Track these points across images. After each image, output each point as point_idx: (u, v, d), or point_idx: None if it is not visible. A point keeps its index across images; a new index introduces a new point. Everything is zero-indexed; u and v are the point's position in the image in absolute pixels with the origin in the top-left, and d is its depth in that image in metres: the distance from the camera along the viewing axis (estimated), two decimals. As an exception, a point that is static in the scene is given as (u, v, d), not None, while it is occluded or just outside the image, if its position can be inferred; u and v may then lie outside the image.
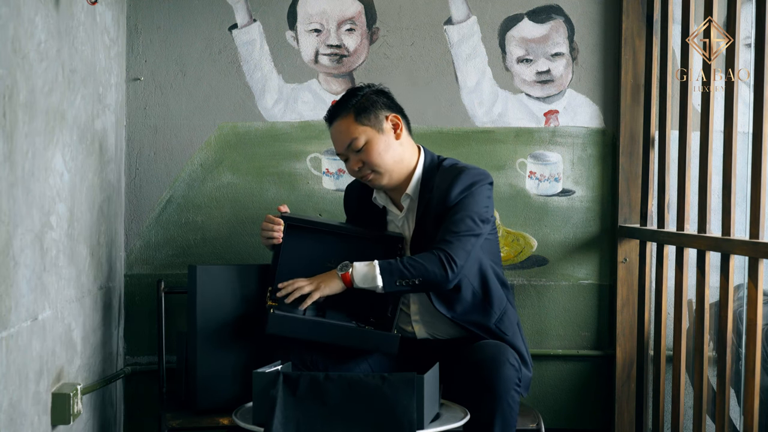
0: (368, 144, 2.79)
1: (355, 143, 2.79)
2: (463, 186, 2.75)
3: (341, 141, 2.82)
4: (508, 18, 3.44)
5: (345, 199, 3.10)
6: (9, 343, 2.20)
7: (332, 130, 2.86)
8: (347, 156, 2.83)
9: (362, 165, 2.81)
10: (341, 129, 2.82)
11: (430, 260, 2.67)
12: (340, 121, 2.82)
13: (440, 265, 2.66)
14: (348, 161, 2.84)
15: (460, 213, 2.73)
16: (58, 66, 2.54)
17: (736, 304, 3.14)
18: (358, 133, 2.79)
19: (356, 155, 2.81)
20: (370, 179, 2.83)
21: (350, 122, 2.80)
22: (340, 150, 2.85)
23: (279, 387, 2.38)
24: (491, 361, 2.54)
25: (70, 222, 2.69)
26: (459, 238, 2.69)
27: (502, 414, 2.50)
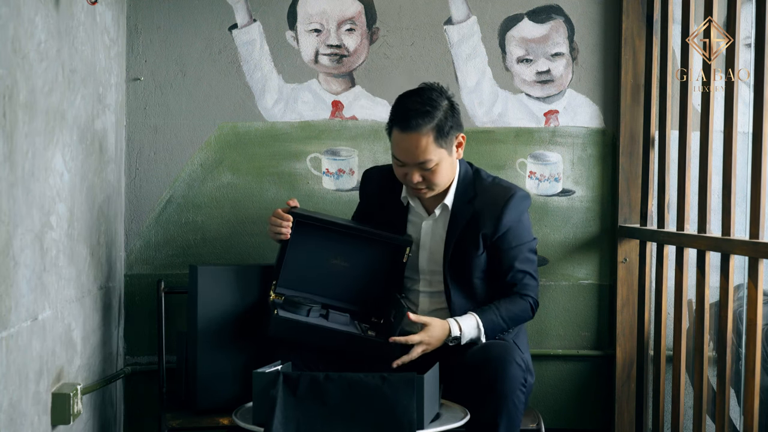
0: (438, 165, 2.73)
1: (427, 163, 2.71)
2: (514, 212, 2.80)
3: (413, 155, 2.70)
4: (508, 18, 3.44)
5: (365, 181, 3.03)
6: (9, 343, 2.20)
7: (404, 138, 2.71)
8: (409, 167, 2.73)
9: (422, 180, 2.74)
10: (418, 145, 2.70)
11: (524, 308, 2.81)
12: (418, 136, 2.69)
13: (531, 310, 2.84)
14: (405, 167, 2.74)
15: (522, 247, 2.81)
16: (58, 66, 2.54)
17: (736, 304, 3.14)
18: (434, 156, 2.71)
19: (421, 171, 2.73)
20: (423, 191, 2.77)
21: (429, 142, 2.70)
22: (406, 161, 2.72)
23: (279, 387, 2.38)
24: (497, 361, 2.54)
25: (70, 222, 2.69)
26: (535, 279, 2.85)
27: (508, 414, 2.50)
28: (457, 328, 2.70)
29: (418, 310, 2.86)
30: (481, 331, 2.71)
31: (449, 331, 2.69)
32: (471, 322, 2.72)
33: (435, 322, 2.70)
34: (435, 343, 2.69)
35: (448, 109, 2.75)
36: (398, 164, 2.76)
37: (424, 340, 2.67)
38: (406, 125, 2.70)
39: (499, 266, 2.80)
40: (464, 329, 2.70)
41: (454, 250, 2.80)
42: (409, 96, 2.78)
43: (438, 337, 2.69)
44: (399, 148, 2.73)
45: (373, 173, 3.02)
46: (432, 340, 2.69)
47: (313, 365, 2.70)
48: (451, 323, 2.71)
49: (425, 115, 2.70)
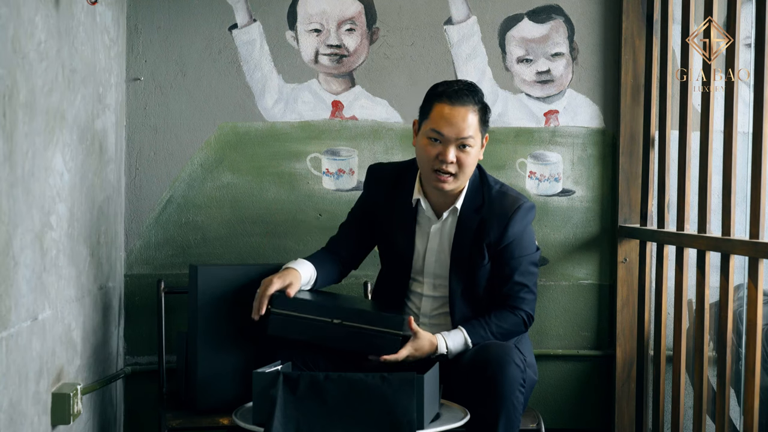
0: (473, 149, 2.72)
1: (469, 140, 2.70)
2: (519, 224, 2.77)
3: (459, 128, 2.69)
4: (508, 18, 3.44)
5: (372, 177, 2.94)
6: (9, 343, 2.20)
7: (451, 110, 2.69)
8: (447, 143, 2.69)
9: (455, 162, 2.70)
10: (465, 118, 2.69)
11: (516, 323, 2.77)
12: (467, 109, 2.70)
13: (523, 325, 2.79)
14: (438, 144, 2.70)
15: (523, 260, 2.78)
16: (58, 66, 2.54)
17: (736, 304, 3.14)
18: (476, 136, 2.71)
19: (456, 149, 2.69)
20: (446, 179, 2.72)
21: (476, 120, 2.71)
22: (449, 135, 2.68)
23: (279, 387, 2.38)
24: (496, 361, 2.53)
25: (70, 222, 2.69)
26: (532, 292, 2.81)
27: (507, 414, 2.50)
28: (443, 345, 2.69)
29: (420, 313, 2.85)
30: (469, 347, 2.71)
31: (436, 348, 2.68)
32: (459, 339, 2.70)
33: (423, 334, 2.68)
34: (420, 356, 2.68)
35: (485, 103, 2.78)
36: (434, 142, 2.71)
37: (411, 354, 2.66)
38: (455, 98, 2.70)
39: (498, 276, 2.79)
40: (451, 347, 2.69)
41: (459, 256, 2.78)
42: (453, 81, 2.79)
43: (425, 351, 2.68)
44: (444, 120, 2.69)
45: (381, 170, 2.95)
46: (418, 354, 2.67)
47: (314, 365, 2.70)
48: (439, 340, 2.69)
49: (474, 94, 2.73)
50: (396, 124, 3.43)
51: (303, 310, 2.67)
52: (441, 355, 2.69)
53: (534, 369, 2.79)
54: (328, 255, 2.90)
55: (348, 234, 2.95)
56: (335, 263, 2.90)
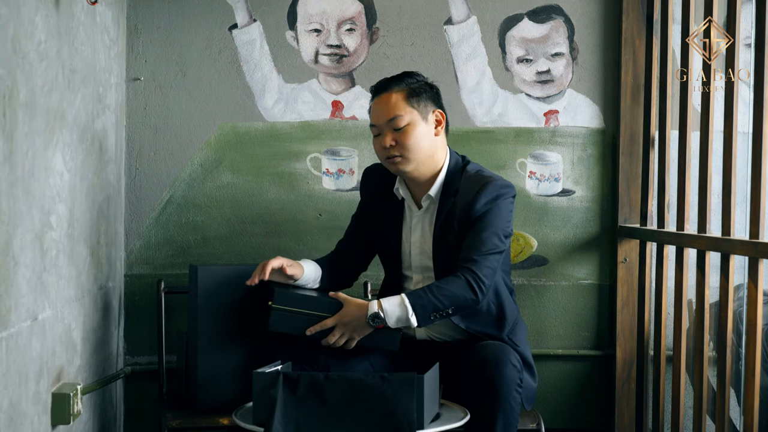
0: (409, 126, 2.74)
1: (398, 120, 2.74)
2: (488, 198, 2.72)
3: (385, 113, 2.75)
4: (508, 18, 3.44)
5: (363, 180, 3.00)
6: (9, 343, 2.20)
7: (377, 101, 2.79)
8: (382, 131, 2.76)
9: (395, 144, 2.74)
10: (389, 101, 2.76)
11: (460, 285, 2.65)
12: (390, 94, 2.76)
13: (470, 289, 2.65)
14: (380, 136, 2.77)
15: (485, 230, 2.70)
16: (58, 66, 2.54)
17: (736, 304, 3.14)
18: (405, 112, 2.74)
19: (393, 132, 2.74)
20: (397, 162, 2.75)
21: (401, 98, 2.75)
22: (379, 121, 2.77)
23: (279, 387, 2.38)
24: (493, 362, 2.53)
25: (70, 222, 2.69)
26: (485, 257, 2.68)
27: (504, 414, 2.50)
28: (376, 305, 2.62)
29: None
30: (408, 309, 2.61)
31: (367, 309, 2.62)
32: (395, 299, 2.63)
33: (350, 299, 2.65)
34: (353, 323, 2.62)
35: (424, 83, 2.81)
36: (375, 136, 2.79)
37: (338, 321, 2.62)
38: (378, 90, 2.79)
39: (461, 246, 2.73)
40: (386, 306, 2.61)
41: (440, 244, 2.77)
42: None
43: (354, 315, 2.62)
44: (373, 113, 2.79)
45: (372, 170, 3.00)
46: (347, 319, 2.62)
47: (315, 365, 2.68)
48: (371, 301, 2.65)
49: (397, 79, 2.79)
50: (396, 124, 3.43)
51: (302, 306, 2.67)
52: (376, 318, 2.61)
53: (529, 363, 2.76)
54: (335, 258, 2.94)
55: (351, 237, 2.99)
56: (342, 267, 2.93)
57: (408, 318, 2.62)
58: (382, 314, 2.62)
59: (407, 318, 2.62)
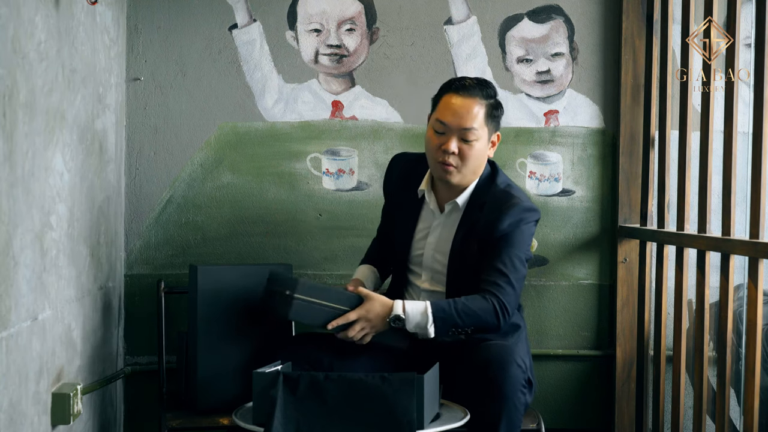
0: (477, 142, 2.71)
1: (471, 133, 2.70)
2: (511, 220, 2.72)
3: (463, 118, 2.70)
4: (508, 18, 3.44)
5: (390, 168, 2.98)
6: (9, 343, 2.20)
7: (456, 101, 2.72)
8: (448, 132, 2.71)
9: (456, 153, 2.70)
10: (471, 110, 2.71)
11: (486, 310, 2.65)
12: (474, 101, 2.72)
13: (494, 315, 2.66)
14: (443, 135, 2.71)
15: (510, 253, 2.70)
16: (58, 66, 2.54)
17: (736, 304, 3.14)
18: (480, 127, 2.71)
19: (458, 141, 2.70)
20: (449, 170, 2.72)
21: (482, 112, 2.72)
22: (452, 123, 2.70)
23: (279, 387, 2.38)
24: (498, 361, 2.52)
25: (70, 222, 2.69)
26: (512, 285, 2.70)
27: (508, 414, 2.49)
28: (401, 307, 2.62)
29: None
30: (429, 318, 2.61)
31: (391, 309, 2.62)
32: (419, 306, 2.63)
33: (375, 296, 2.65)
34: (375, 320, 2.62)
35: (497, 100, 2.79)
36: (438, 132, 2.72)
37: (362, 316, 2.62)
38: (463, 88, 2.72)
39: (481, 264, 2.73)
40: (409, 310, 2.62)
41: (458, 252, 2.77)
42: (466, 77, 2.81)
43: (377, 312, 2.62)
44: (449, 109, 2.71)
45: (399, 159, 2.98)
46: (370, 315, 2.62)
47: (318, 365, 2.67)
48: (396, 301, 2.64)
49: (483, 88, 2.75)
50: (396, 124, 3.43)
51: (323, 298, 2.64)
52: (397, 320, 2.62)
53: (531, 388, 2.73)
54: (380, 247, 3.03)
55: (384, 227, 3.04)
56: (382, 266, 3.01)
57: (426, 327, 2.63)
58: (403, 317, 2.62)
59: (425, 327, 2.63)
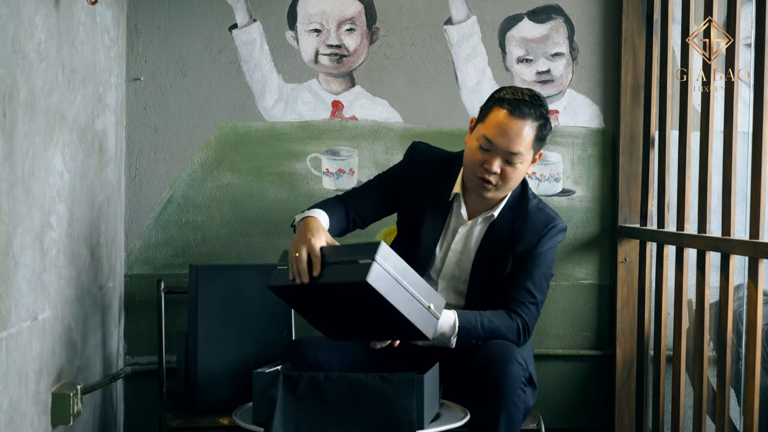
0: (522, 165, 2.63)
1: (517, 157, 2.60)
2: (551, 243, 2.72)
3: (512, 142, 2.59)
4: (508, 18, 3.44)
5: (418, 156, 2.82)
6: (9, 343, 2.20)
7: (508, 120, 2.59)
8: (494, 152, 2.60)
9: (499, 173, 2.61)
10: (521, 133, 2.59)
11: (509, 328, 2.65)
12: (525, 123, 2.59)
13: (516, 334, 2.66)
14: (487, 152, 2.60)
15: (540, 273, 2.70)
16: (58, 66, 2.54)
17: (736, 304, 3.14)
18: (526, 152, 2.61)
19: (502, 162, 2.60)
20: (488, 187, 2.64)
21: (531, 136, 2.60)
22: (500, 144, 2.59)
23: (279, 387, 2.38)
24: (499, 359, 2.51)
25: (70, 222, 2.69)
26: (537, 306, 2.71)
27: (508, 412, 2.49)
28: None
29: None
30: (455, 330, 2.60)
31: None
32: (449, 318, 2.60)
33: None
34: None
35: (547, 118, 2.66)
36: (483, 149, 2.61)
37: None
38: (516, 108, 2.59)
39: (510, 279, 2.71)
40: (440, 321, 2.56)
41: (483, 263, 2.72)
42: (519, 88, 2.68)
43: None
44: (498, 129, 2.59)
45: (429, 152, 2.84)
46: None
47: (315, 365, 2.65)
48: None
49: (536, 107, 2.62)
50: (396, 124, 3.43)
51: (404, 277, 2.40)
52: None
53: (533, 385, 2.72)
54: (342, 208, 2.74)
55: (371, 196, 2.82)
56: (346, 218, 2.75)
57: (449, 338, 2.61)
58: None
59: (449, 338, 2.61)
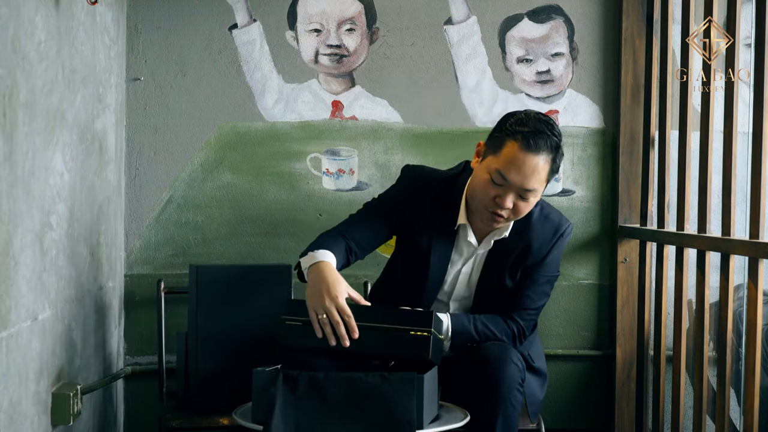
0: (534, 198, 2.55)
1: (531, 194, 2.51)
2: (559, 250, 2.70)
3: (526, 178, 2.48)
4: (508, 18, 3.44)
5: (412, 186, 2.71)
6: (9, 343, 2.20)
7: (523, 157, 2.47)
8: (507, 188, 2.50)
9: (512, 208, 2.53)
10: (536, 169, 2.48)
11: (504, 332, 2.65)
12: (540, 158, 2.48)
13: (512, 338, 2.66)
14: (499, 187, 2.50)
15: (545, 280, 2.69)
16: (58, 66, 2.54)
17: (736, 304, 3.14)
18: (541, 185, 2.52)
19: (515, 197, 2.51)
20: (499, 221, 2.56)
21: (546, 171, 2.50)
22: (514, 182, 2.48)
23: (278, 386, 2.38)
24: (495, 361, 2.52)
25: (70, 222, 2.69)
26: (537, 310, 2.71)
27: (505, 413, 2.49)
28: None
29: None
30: (447, 333, 2.60)
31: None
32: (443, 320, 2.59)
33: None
34: None
35: (560, 144, 2.55)
36: (496, 183, 2.50)
37: None
38: (532, 142, 2.47)
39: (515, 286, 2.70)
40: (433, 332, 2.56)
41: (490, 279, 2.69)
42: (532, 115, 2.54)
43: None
44: (513, 166, 2.47)
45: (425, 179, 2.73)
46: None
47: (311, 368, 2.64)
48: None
49: (550, 136, 2.50)
50: (396, 124, 3.43)
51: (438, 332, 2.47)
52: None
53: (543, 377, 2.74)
54: (343, 243, 2.64)
55: (372, 227, 2.72)
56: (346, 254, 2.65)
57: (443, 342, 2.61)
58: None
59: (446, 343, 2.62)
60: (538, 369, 2.75)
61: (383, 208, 2.75)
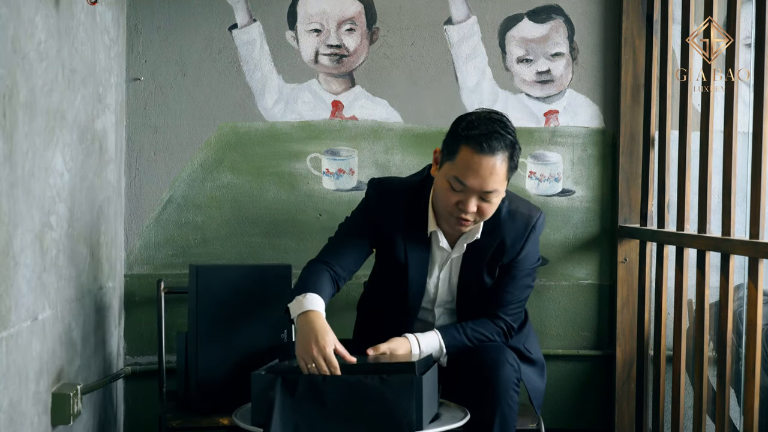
0: (496, 198, 2.53)
1: (493, 195, 2.50)
2: (532, 243, 2.68)
3: (485, 180, 2.46)
4: (508, 18, 3.44)
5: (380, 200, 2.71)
6: (9, 343, 2.20)
7: (479, 161, 2.45)
8: (467, 193, 2.49)
9: (477, 211, 2.52)
10: (493, 171, 2.46)
11: (494, 331, 2.69)
12: (496, 158, 2.46)
13: (503, 335, 2.70)
14: (460, 193, 2.49)
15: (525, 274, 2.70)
16: (58, 66, 2.54)
17: (736, 304, 3.14)
18: (501, 183, 2.50)
19: (477, 200, 2.50)
20: (467, 225, 2.56)
21: (504, 170, 2.49)
22: (473, 186, 2.47)
23: (277, 389, 2.37)
24: (491, 362, 2.54)
25: (70, 222, 2.69)
26: (521, 303, 2.73)
27: (502, 414, 2.50)
28: (416, 346, 2.60)
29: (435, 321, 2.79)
30: (443, 351, 2.63)
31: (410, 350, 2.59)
32: (433, 341, 2.63)
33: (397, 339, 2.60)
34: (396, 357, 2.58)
35: (515, 140, 2.53)
36: (455, 190, 2.50)
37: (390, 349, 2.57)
38: (485, 145, 2.45)
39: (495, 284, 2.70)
40: (423, 347, 2.61)
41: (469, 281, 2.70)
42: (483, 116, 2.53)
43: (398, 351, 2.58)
44: (470, 170, 2.46)
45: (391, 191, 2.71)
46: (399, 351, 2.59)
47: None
48: (412, 341, 2.60)
49: (504, 136, 2.48)
50: (396, 124, 3.43)
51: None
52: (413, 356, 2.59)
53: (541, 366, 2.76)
54: (327, 275, 2.62)
55: (354, 249, 2.71)
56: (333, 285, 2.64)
57: (440, 359, 2.65)
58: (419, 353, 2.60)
59: (439, 358, 2.65)
60: (536, 360, 2.77)
61: (358, 226, 2.74)
